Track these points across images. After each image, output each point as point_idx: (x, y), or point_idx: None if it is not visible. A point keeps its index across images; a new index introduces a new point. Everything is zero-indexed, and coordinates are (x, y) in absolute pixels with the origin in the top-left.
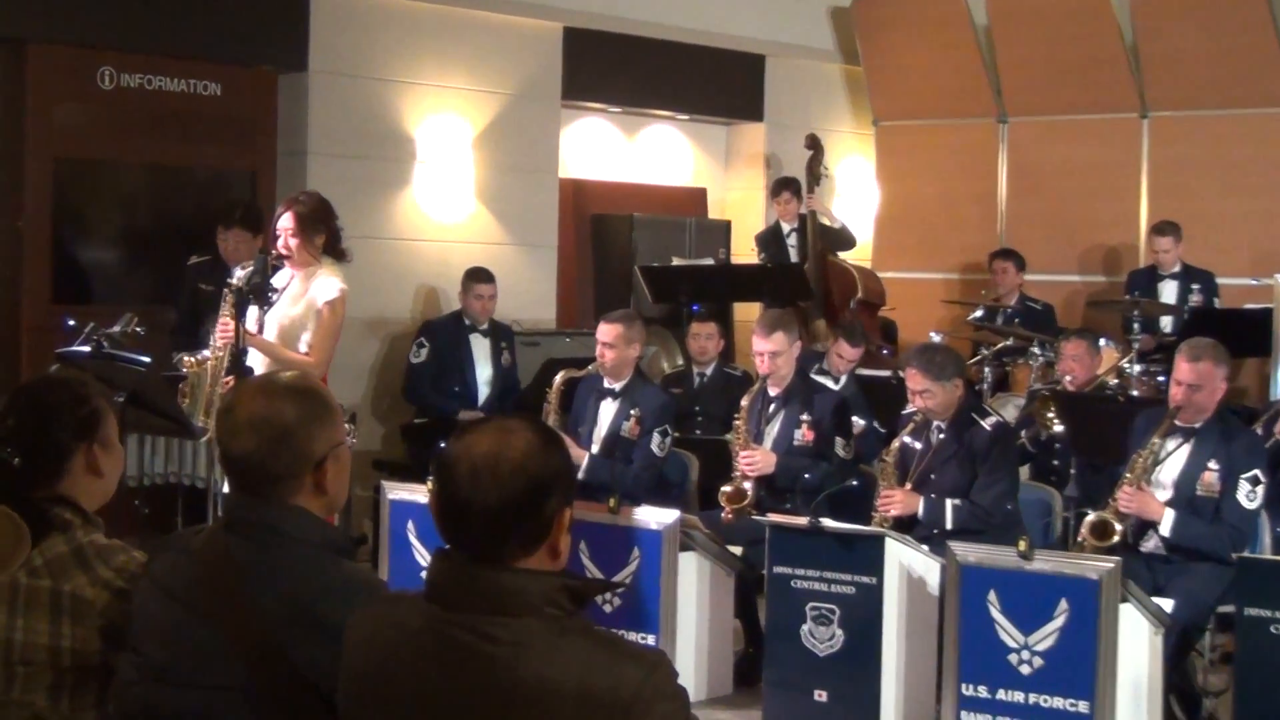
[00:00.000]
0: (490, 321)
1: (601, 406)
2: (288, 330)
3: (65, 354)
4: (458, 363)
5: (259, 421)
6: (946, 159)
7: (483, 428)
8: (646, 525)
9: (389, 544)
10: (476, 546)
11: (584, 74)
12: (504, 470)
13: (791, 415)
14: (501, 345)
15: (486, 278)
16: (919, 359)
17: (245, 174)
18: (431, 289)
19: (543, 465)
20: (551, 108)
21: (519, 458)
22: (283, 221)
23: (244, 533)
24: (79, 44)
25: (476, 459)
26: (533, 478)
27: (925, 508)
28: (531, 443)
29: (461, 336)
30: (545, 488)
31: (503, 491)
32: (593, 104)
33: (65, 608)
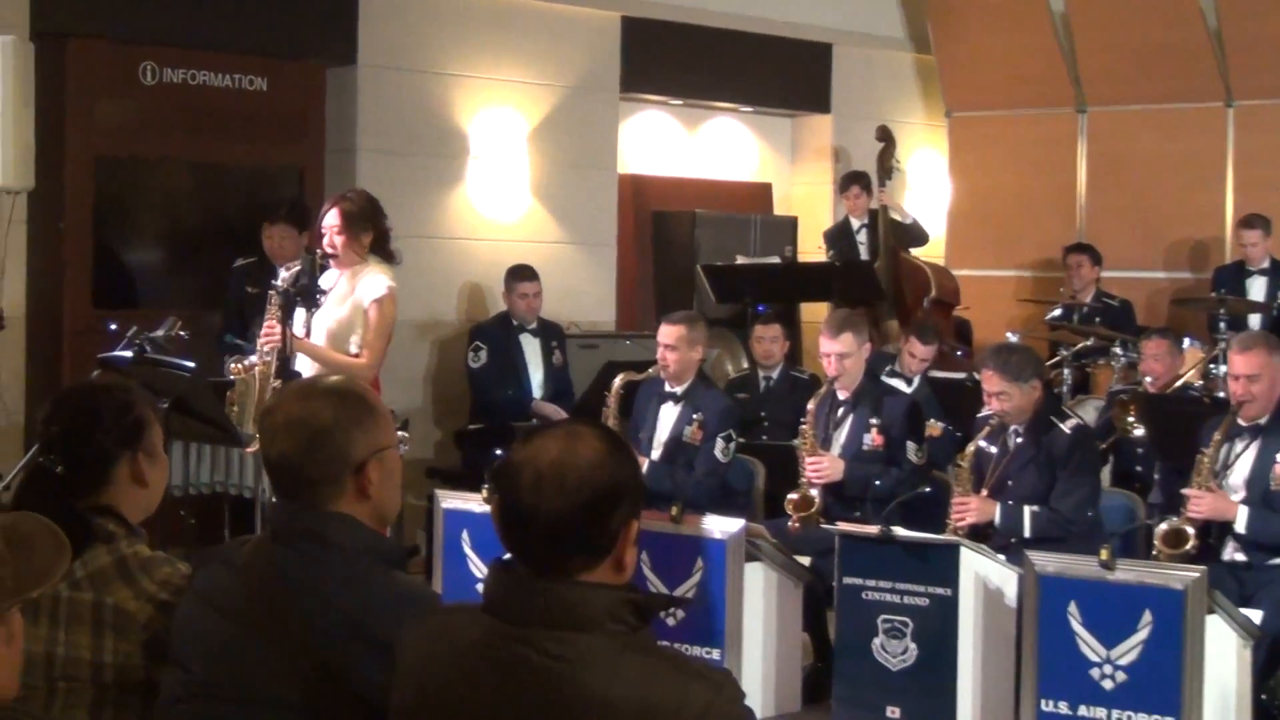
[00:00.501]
0: (538, 320)
1: (662, 411)
2: (335, 333)
3: (108, 359)
4: (511, 366)
5: (295, 423)
6: (1023, 151)
7: (549, 433)
8: (710, 535)
9: (443, 555)
10: (539, 558)
11: (643, 65)
12: (570, 478)
13: (860, 419)
14: (552, 344)
15: (529, 275)
16: (995, 360)
17: (292, 171)
18: (484, 290)
19: (610, 474)
20: (609, 100)
21: (586, 466)
22: (329, 219)
23: (290, 542)
24: (120, 39)
25: (542, 466)
26: (600, 487)
27: (1002, 515)
28: (599, 450)
29: (511, 338)
30: (612, 497)
31: (568, 501)
32: (652, 96)
33: (108, 622)
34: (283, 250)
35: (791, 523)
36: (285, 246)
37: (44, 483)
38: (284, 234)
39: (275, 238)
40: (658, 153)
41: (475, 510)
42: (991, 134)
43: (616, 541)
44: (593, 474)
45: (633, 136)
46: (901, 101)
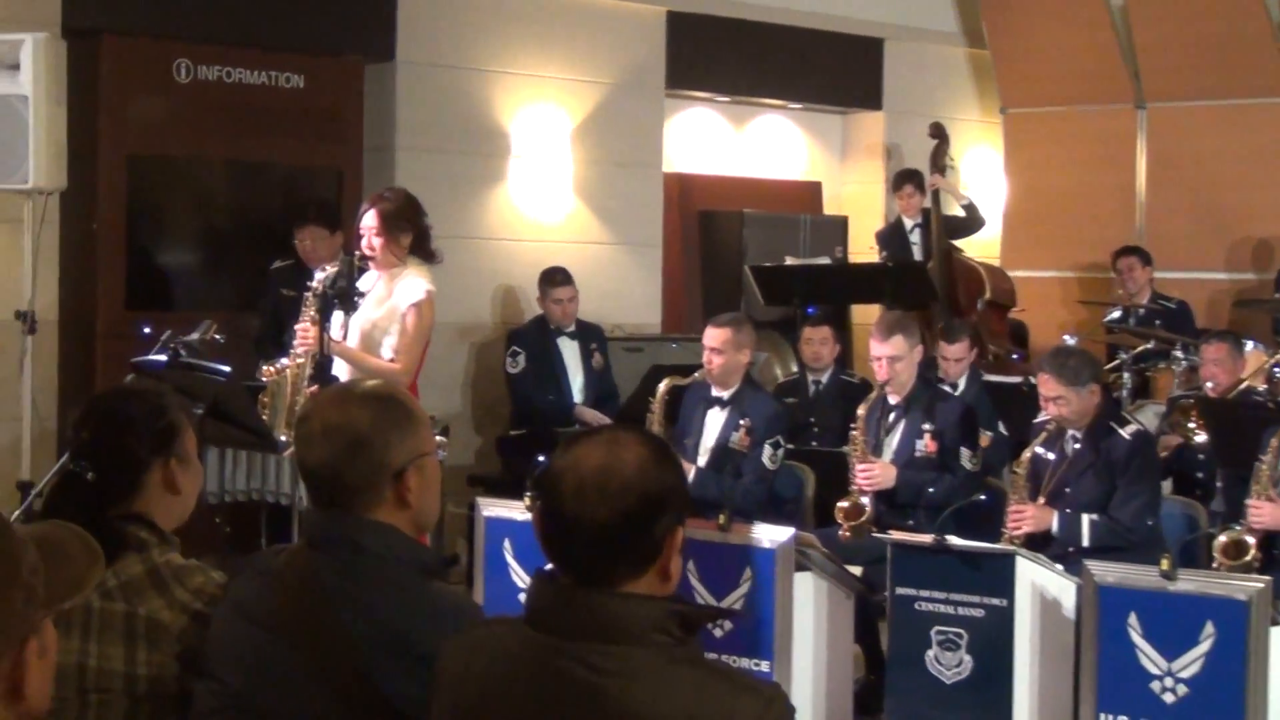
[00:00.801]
0: (576, 322)
1: (709, 416)
2: (369, 335)
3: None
4: (550, 371)
5: (333, 429)
6: (1080, 148)
7: (591, 440)
8: (759, 544)
9: (484, 564)
10: (582, 568)
11: (689, 61)
12: (613, 486)
13: (913, 425)
14: (591, 347)
15: (563, 279)
16: (1052, 363)
17: (330, 171)
18: (525, 292)
19: (655, 481)
20: (655, 97)
21: (629, 472)
22: (366, 220)
23: (328, 551)
24: (154, 35)
25: (584, 473)
26: (644, 494)
27: (1059, 523)
28: (643, 456)
29: (548, 342)
30: (657, 505)
31: (611, 509)
32: (699, 93)
33: (140, 632)
34: (315, 252)
35: (842, 532)
36: (318, 248)
37: (75, 490)
38: (315, 235)
39: (307, 240)
40: (704, 151)
41: (517, 518)
42: (1048, 131)
43: (661, 550)
44: (636, 481)
45: (679, 134)
46: (955, 97)
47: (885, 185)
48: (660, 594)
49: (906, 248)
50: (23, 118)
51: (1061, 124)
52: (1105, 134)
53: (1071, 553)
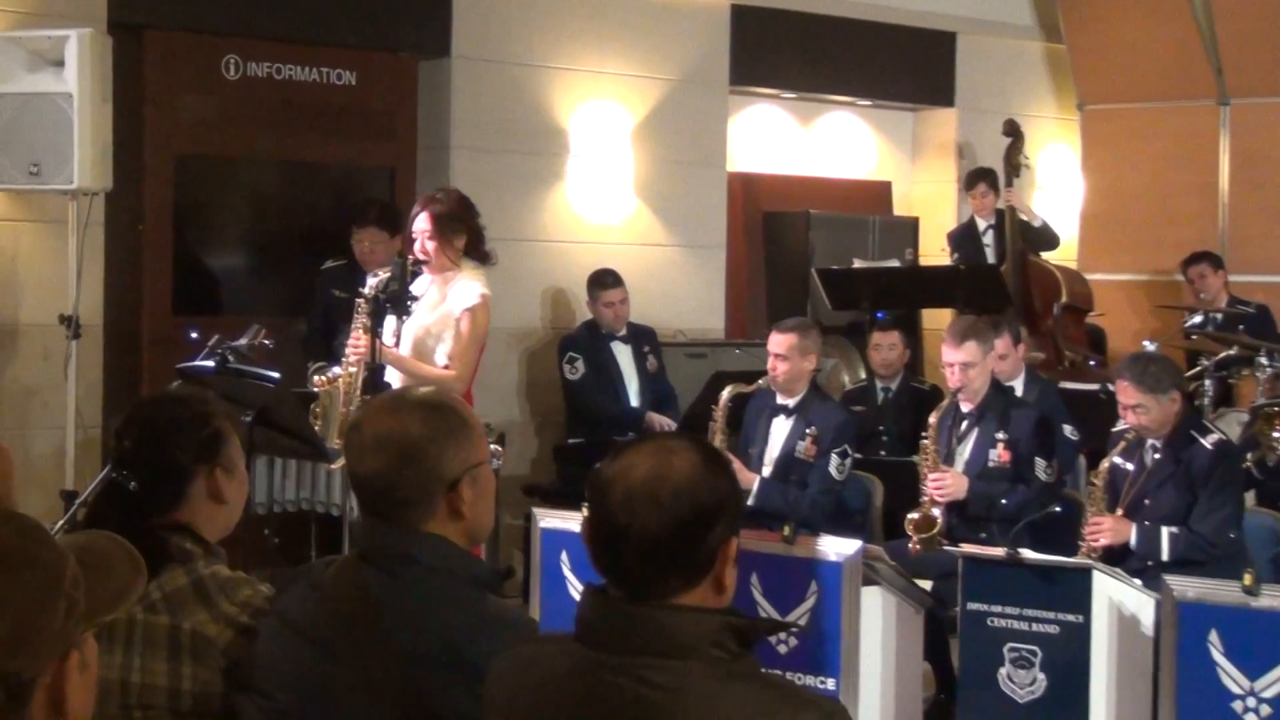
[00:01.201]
0: (628, 325)
1: (774, 425)
2: (422, 342)
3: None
4: (607, 376)
5: (385, 439)
6: (1161, 146)
7: (640, 448)
8: (825, 557)
9: (540, 577)
10: (633, 580)
11: (754, 56)
12: (664, 494)
13: (986, 434)
14: (645, 350)
15: (613, 281)
16: (1131, 370)
17: (383, 170)
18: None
19: (707, 489)
20: (718, 94)
21: (680, 480)
22: (419, 223)
23: (379, 563)
24: (202, 31)
25: (633, 482)
26: (696, 503)
27: (1138, 536)
28: (694, 464)
29: (602, 347)
30: (709, 514)
31: (662, 518)
32: (764, 90)
33: (185, 646)
34: (373, 255)
35: (911, 544)
36: (377, 252)
37: (117, 500)
38: (374, 238)
39: (365, 242)
40: (770, 149)
41: (575, 530)
42: (1127, 128)
43: (715, 561)
44: (687, 489)
45: (743, 132)
46: (1030, 94)
47: (957, 185)
48: (714, 606)
49: (979, 249)
50: (67, 116)
51: (1141, 121)
52: (1186, 131)
53: (1150, 567)
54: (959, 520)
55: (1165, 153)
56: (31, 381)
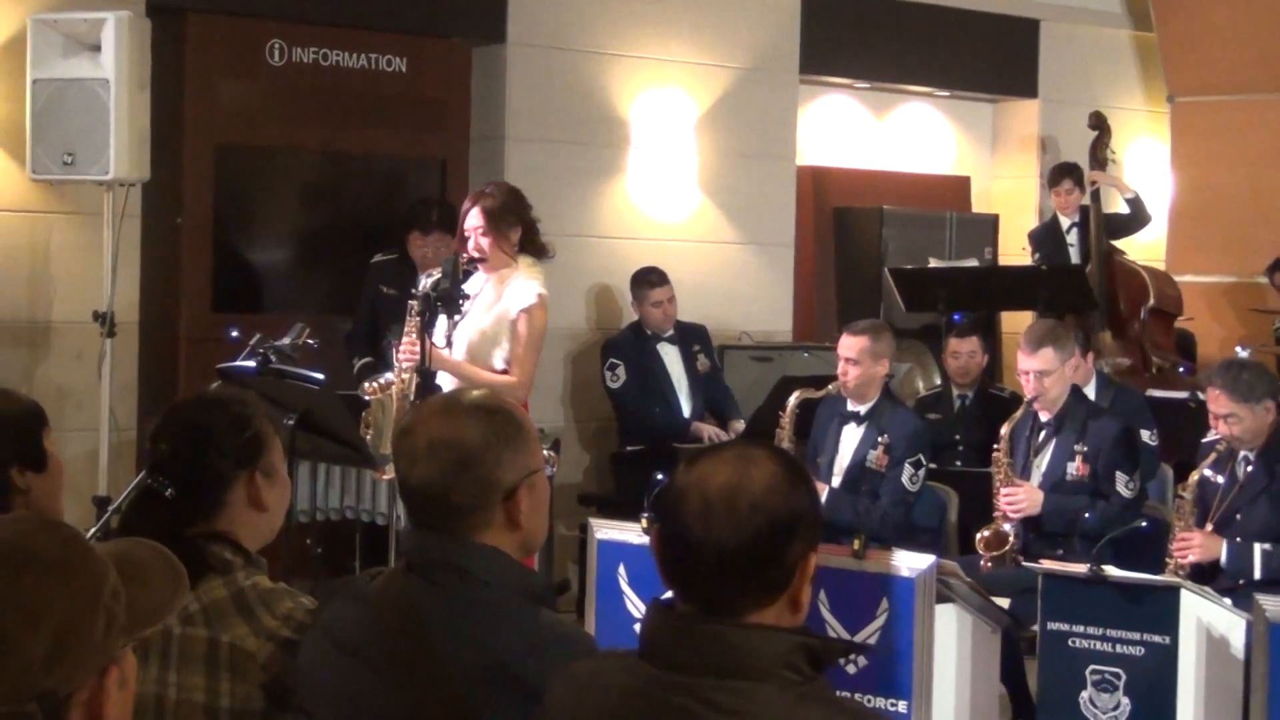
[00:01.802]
0: (675, 325)
1: (844, 432)
2: (478, 346)
3: (227, 370)
4: (655, 381)
5: (440, 445)
6: (1256, 141)
7: (718, 456)
8: (897, 572)
9: (596, 591)
10: (705, 596)
11: (826, 44)
12: (742, 506)
13: (1064, 445)
14: (694, 349)
15: (659, 279)
16: (1223, 377)
17: (434, 162)
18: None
19: (787, 502)
20: (788, 84)
21: (760, 492)
22: (471, 220)
23: (428, 576)
24: (245, 13)
25: (710, 493)
26: (775, 517)
27: (1229, 553)
28: (775, 475)
29: (647, 350)
30: (789, 529)
31: (740, 532)
32: (836, 79)
33: (224, 661)
34: (437, 260)
35: (983, 563)
36: (440, 256)
37: (153, 507)
38: (438, 244)
39: (431, 248)
40: (841, 142)
41: (633, 542)
42: (1220, 122)
43: (792, 578)
44: (767, 501)
45: (813, 124)
46: (1118, 85)
47: (1039, 180)
48: (789, 626)
49: (1062, 249)
50: (103, 103)
51: (1235, 115)
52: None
53: (1242, 586)
54: (1035, 537)
55: (1261, 149)
56: (64, 381)
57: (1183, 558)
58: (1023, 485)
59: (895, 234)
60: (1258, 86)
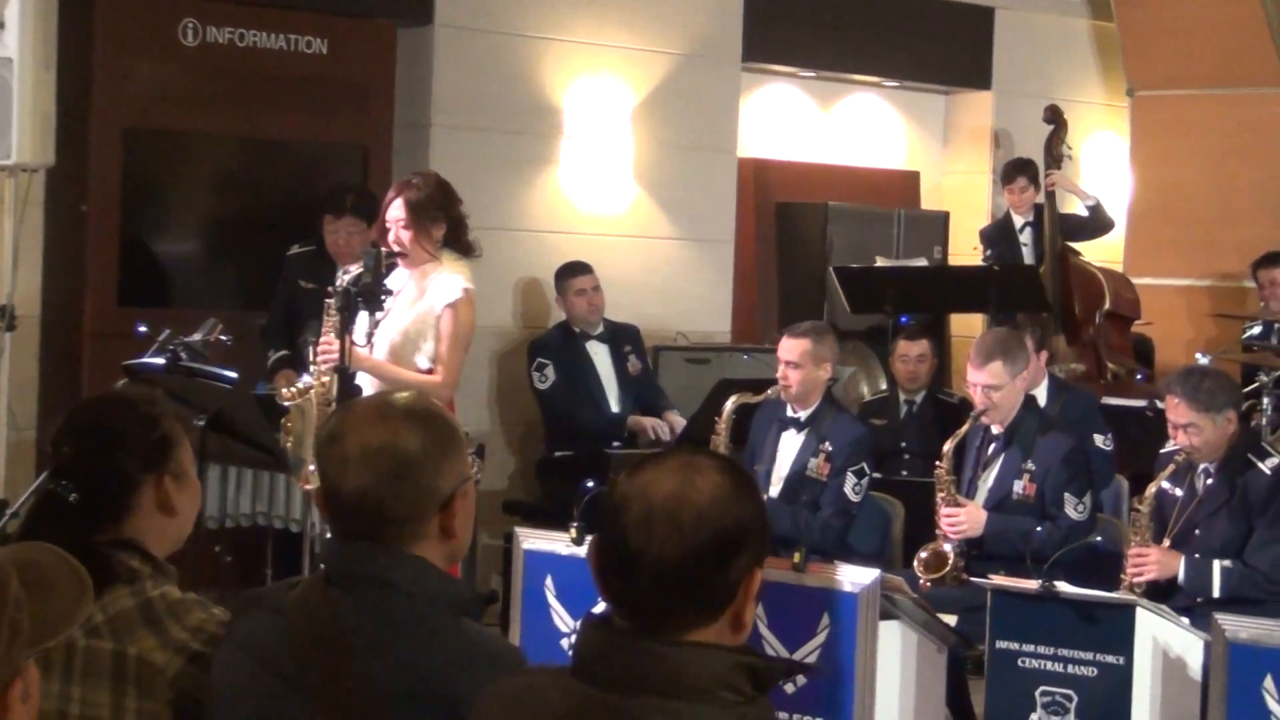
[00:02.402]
0: (605, 323)
1: (783, 439)
2: (399, 346)
3: (134, 367)
4: (584, 382)
5: (375, 452)
6: (1220, 138)
7: (661, 464)
8: (839, 587)
9: (522, 604)
10: (643, 611)
11: (770, 30)
12: (686, 518)
13: (1012, 461)
14: (625, 350)
15: (582, 269)
16: (1182, 386)
17: (356, 149)
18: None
19: (734, 515)
20: (730, 71)
21: (705, 503)
22: (393, 211)
23: (350, 587)
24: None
25: (652, 502)
26: (720, 530)
27: (1187, 570)
28: (722, 485)
29: (576, 349)
30: (735, 542)
31: (683, 544)
32: (780, 67)
33: (130, 675)
34: (349, 247)
35: (922, 583)
36: (353, 243)
37: (55, 513)
38: (351, 229)
39: (341, 233)
40: (785, 134)
41: (561, 552)
42: (1182, 117)
43: (735, 595)
44: (713, 513)
45: (756, 114)
46: (1075, 77)
47: (992, 176)
48: (730, 645)
49: (1015, 248)
50: (6, 84)
51: (1197, 109)
52: (1249, 121)
53: (1200, 604)
54: (978, 557)
55: (1224, 145)
56: None
57: (1138, 574)
58: (965, 505)
59: (840, 231)
60: (1222, 80)
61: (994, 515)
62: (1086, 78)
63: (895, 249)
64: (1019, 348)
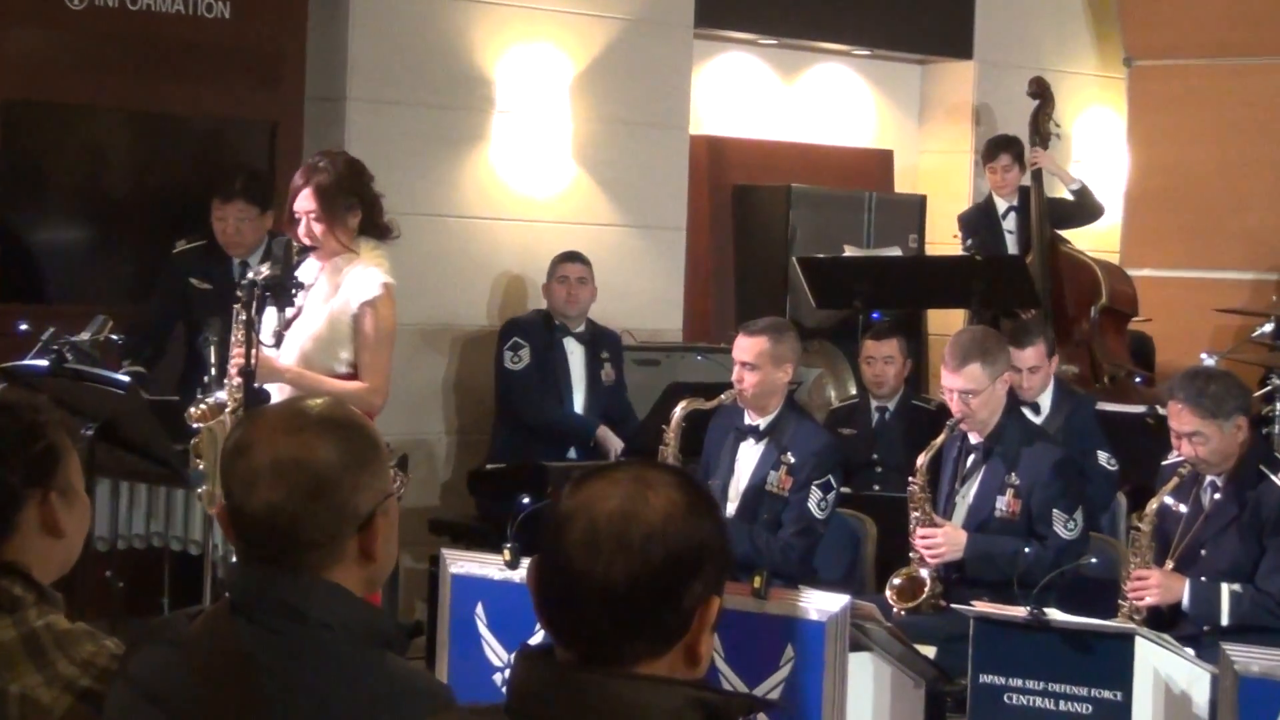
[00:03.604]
0: (587, 323)
1: (740, 450)
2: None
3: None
4: (553, 375)
5: (288, 467)
6: (1228, 113)
7: (609, 477)
8: (804, 614)
9: (450, 634)
10: (588, 641)
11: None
12: (635, 538)
13: (993, 474)
14: (601, 356)
15: (575, 257)
16: (1187, 390)
17: (263, 125)
18: (512, 285)
19: (689, 534)
20: (681, 38)
21: (658, 522)
22: (302, 202)
23: (258, 618)
24: None
25: (598, 520)
26: (674, 551)
27: (1192, 595)
28: (675, 502)
29: (552, 340)
30: (689, 566)
31: (632, 567)
32: (737, 34)
33: (13, 716)
34: (240, 236)
35: (897, 611)
36: (244, 232)
37: None
38: (241, 215)
39: (230, 220)
40: (743, 108)
41: (494, 577)
42: (1185, 89)
43: (691, 624)
44: (666, 532)
45: (710, 87)
46: (1067, 46)
47: (974, 156)
48: (684, 679)
49: (997, 235)
50: None
51: (1203, 81)
52: (1260, 95)
53: (1207, 633)
54: (958, 581)
55: (1232, 120)
56: None
57: (1138, 600)
58: (943, 526)
59: (805, 217)
60: (1230, 49)
61: (975, 536)
62: (1079, 46)
63: (866, 237)
64: (998, 348)
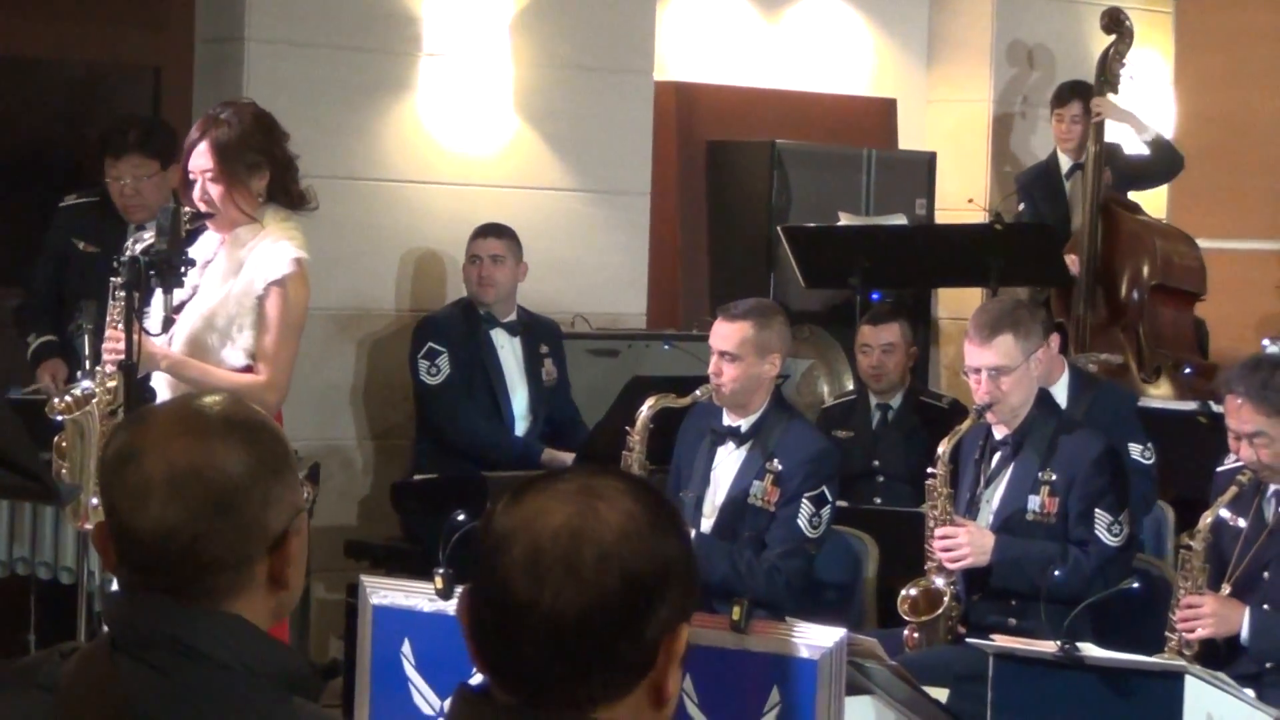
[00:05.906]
0: (519, 310)
1: (718, 457)
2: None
3: None
4: (482, 380)
5: (186, 477)
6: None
7: (552, 489)
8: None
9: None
10: (533, 683)
11: None
12: (587, 559)
13: (1025, 471)
14: (540, 351)
15: (490, 231)
16: (1247, 382)
17: (145, 71)
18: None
19: (649, 554)
20: None
21: (612, 540)
22: (197, 159)
23: (142, 656)
24: None
25: (542, 539)
26: (633, 573)
27: (1253, 626)
28: (632, 516)
29: (477, 336)
30: (651, 591)
31: (583, 594)
32: None
33: None
34: (139, 197)
35: (908, 631)
36: (143, 190)
37: None
38: (138, 170)
39: (126, 178)
40: (718, 51)
41: (423, 609)
42: (1239, 27)
43: (654, 659)
44: (621, 552)
45: (679, 25)
46: None
47: (990, 106)
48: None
49: (1057, 198)
50: None
51: (1263, 17)
52: None
53: (1269, 670)
54: (982, 598)
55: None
56: None
57: (1189, 632)
58: (965, 525)
59: (793, 179)
60: None
61: (1004, 538)
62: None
63: (864, 203)
64: (1032, 320)
